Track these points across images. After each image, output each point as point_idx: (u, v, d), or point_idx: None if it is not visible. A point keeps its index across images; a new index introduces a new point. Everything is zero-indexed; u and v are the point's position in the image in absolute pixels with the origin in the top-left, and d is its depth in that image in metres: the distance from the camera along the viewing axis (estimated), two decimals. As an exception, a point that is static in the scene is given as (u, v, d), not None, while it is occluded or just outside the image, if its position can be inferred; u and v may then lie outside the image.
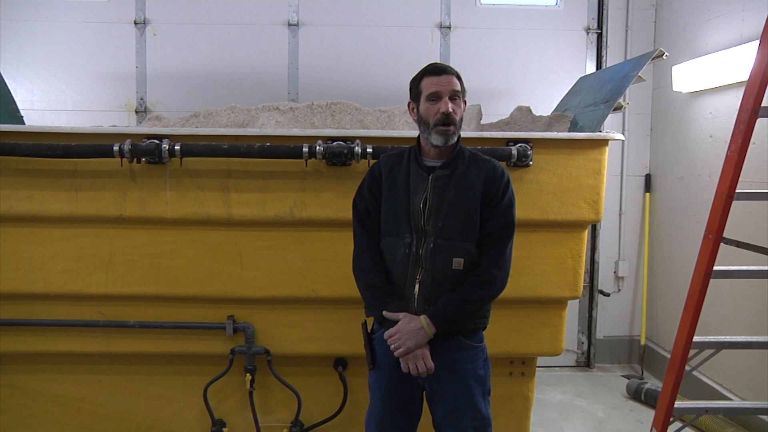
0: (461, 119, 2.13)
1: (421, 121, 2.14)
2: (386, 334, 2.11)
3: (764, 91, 2.36)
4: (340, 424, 2.99)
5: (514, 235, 2.16)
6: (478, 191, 2.11)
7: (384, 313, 2.12)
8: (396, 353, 2.08)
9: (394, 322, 2.12)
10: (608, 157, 2.81)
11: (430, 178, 2.13)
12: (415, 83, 2.16)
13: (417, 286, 2.11)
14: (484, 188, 2.11)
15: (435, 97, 2.09)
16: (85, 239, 2.75)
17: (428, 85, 2.10)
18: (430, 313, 2.07)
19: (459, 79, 2.13)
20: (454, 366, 2.14)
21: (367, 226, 2.25)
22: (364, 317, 2.31)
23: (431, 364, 2.08)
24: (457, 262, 2.09)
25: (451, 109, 2.07)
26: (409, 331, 2.06)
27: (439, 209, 2.10)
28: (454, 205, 2.10)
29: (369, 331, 2.29)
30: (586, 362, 4.86)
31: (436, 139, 2.10)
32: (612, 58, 4.63)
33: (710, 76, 3.82)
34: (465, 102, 2.19)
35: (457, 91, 2.10)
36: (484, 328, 2.24)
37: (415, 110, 2.17)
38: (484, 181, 2.12)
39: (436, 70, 2.12)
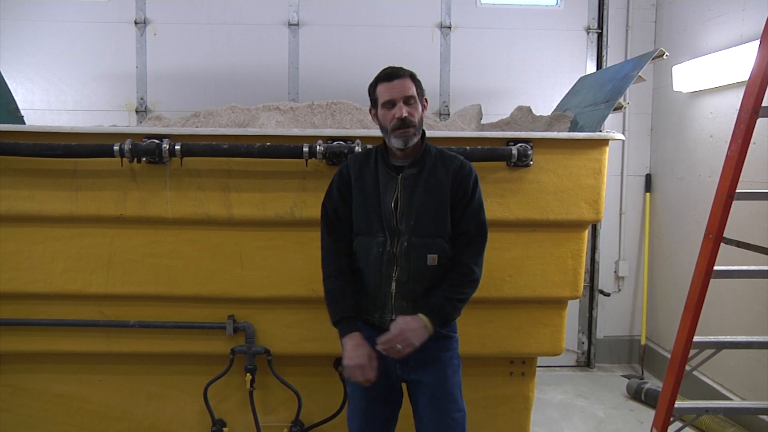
0: (421, 119, 2.15)
1: (381, 127, 2.18)
2: (384, 339, 2.07)
3: (764, 91, 2.36)
4: (341, 424, 2.98)
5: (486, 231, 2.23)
6: (447, 188, 2.15)
7: (377, 346, 2.08)
8: (403, 353, 2.07)
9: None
10: (608, 156, 2.81)
11: (399, 177, 2.16)
12: (371, 90, 2.20)
13: (394, 284, 2.14)
14: (452, 185, 2.15)
15: (390, 104, 2.12)
16: (85, 239, 2.75)
17: (382, 92, 2.14)
18: (428, 312, 2.10)
19: (414, 79, 2.15)
20: (428, 355, 2.16)
21: (335, 227, 2.24)
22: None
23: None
24: (432, 258, 2.13)
25: (406, 113, 2.09)
26: (413, 330, 2.07)
27: (410, 208, 2.13)
28: (425, 203, 2.14)
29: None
30: (586, 362, 4.86)
31: (396, 143, 2.13)
32: (612, 58, 4.63)
33: (710, 76, 3.82)
34: (425, 101, 2.20)
35: (411, 96, 2.11)
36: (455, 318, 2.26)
37: (376, 116, 2.22)
38: (452, 178, 2.16)
39: (386, 76, 2.14)
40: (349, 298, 2.18)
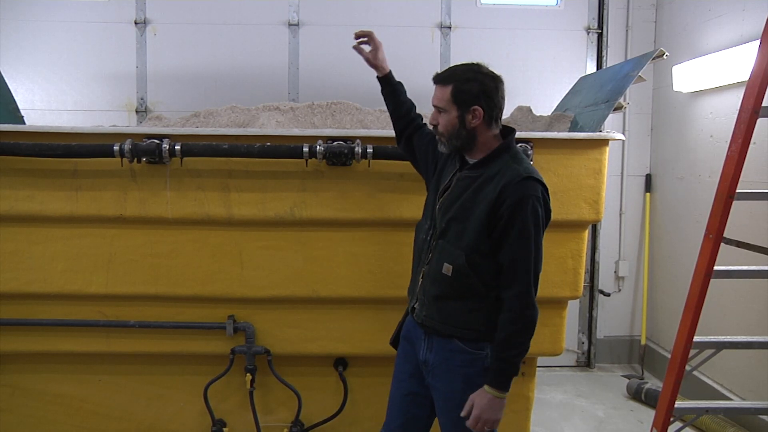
0: (453, 130, 2.03)
1: None
2: (470, 425, 2.00)
3: (764, 91, 2.37)
4: (340, 424, 2.99)
5: (535, 266, 1.98)
6: (487, 202, 1.97)
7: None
8: (495, 426, 2.02)
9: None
10: (608, 157, 2.80)
11: (456, 174, 2.11)
12: None
13: (422, 273, 2.13)
14: (495, 200, 1.95)
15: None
16: (85, 239, 2.75)
17: None
18: (489, 381, 1.99)
19: (456, 86, 2.02)
20: (447, 363, 2.09)
21: (424, 132, 2.35)
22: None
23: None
24: (447, 268, 2.02)
25: (435, 122, 2.08)
26: (484, 408, 1.98)
27: (448, 209, 2.07)
28: (462, 209, 2.03)
29: (406, 313, 2.30)
30: (586, 362, 4.87)
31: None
32: (612, 58, 4.63)
33: (711, 76, 3.82)
34: (473, 111, 2.01)
35: (436, 106, 2.07)
36: (486, 340, 2.06)
37: None
38: (498, 192, 1.95)
39: (433, 78, 2.11)
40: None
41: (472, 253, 2.00)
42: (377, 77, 2.46)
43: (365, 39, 2.45)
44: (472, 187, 2.04)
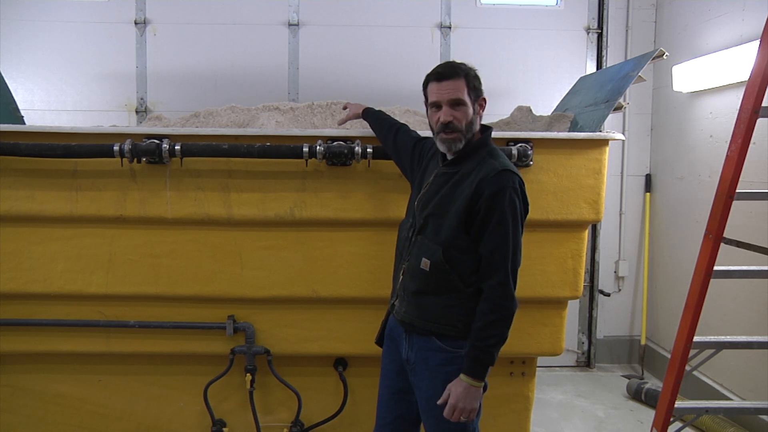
0: (470, 123, 2.04)
1: (430, 126, 2.14)
2: (446, 415, 1.99)
3: (764, 91, 2.37)
4: (340, 424, 2.99)
5: (513, 257, 2.00)
6: (465, 197, 2.00)
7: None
8: (472, 417, 2.02)
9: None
10: (608, 157, 2.80)
11: (435, 173, 2.13)
12: (424, 86, 2.14)
13: (402, 271, 2.16)
14: (473, 195, 1.98)
15: (436, 105, 2.07)
16: (85, 239, 2.75)
17: (430, 92, 2.08)
18: (465, 369, 1.99)
19: (468, 79, 2.04)
20: (426, 362, 2.10)
21: (410, 135, 2.42)
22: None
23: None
24: (425, 263, 2.04)
25: (451, 118, 2.02)
26: (460, 396, 1.97)
27: (427, 204, 2.10)
28: (443, 205, 2.05)
29: (388, 311, 2.31)
30: (586, 362, 4.87)
31: (440, 146, 2.10)
32: (612, 58, 4.64)
33: (710, 76, 3.83)
34: (482, 101, 2.10)
35: (458, 99, 2.02)
36: (465, 338, 2.05)
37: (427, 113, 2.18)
38: (476, 187, 1.98)
39: (437, 76, 2.06)
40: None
41: (450, 247, 2.02)
42: (362, 118, 2.70)
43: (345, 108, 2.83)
44: (450, 183, 2.07)
